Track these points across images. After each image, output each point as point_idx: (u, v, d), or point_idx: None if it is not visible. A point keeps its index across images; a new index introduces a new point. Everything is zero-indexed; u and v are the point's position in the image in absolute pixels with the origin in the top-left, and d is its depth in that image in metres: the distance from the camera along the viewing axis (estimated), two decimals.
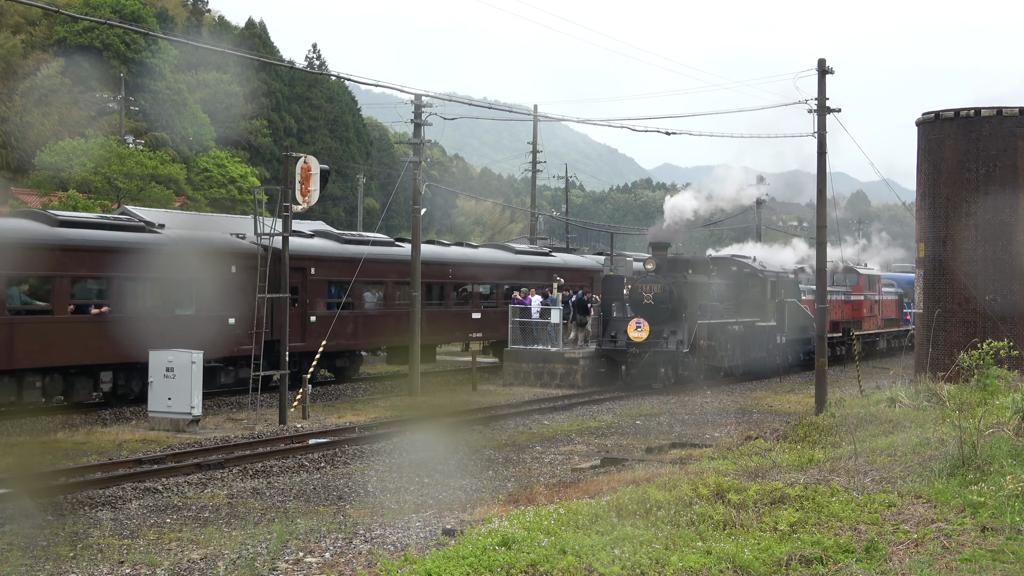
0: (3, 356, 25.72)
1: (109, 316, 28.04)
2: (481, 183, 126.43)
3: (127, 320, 28.14)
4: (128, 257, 28.34)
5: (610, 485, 15.55)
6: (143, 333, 27.44)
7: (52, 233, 27.36)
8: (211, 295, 30.31)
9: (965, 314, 28.14)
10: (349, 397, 33.70)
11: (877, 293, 53.45)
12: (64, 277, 27.12)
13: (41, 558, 13.44)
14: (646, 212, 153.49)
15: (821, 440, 19.14)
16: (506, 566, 10.19)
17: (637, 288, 36.82)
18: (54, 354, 26.91)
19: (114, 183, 52.58)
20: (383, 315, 37.21)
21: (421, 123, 34.26)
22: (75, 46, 67.11)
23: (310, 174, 28.62)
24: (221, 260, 30.79)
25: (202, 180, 66.22)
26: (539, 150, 60.81)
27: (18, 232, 26.92)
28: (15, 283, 26.60)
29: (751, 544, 10.67)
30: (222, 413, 28.95)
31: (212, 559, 12.81)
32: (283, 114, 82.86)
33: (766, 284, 42.02)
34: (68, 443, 23.42)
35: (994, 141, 28.14)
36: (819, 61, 30.58)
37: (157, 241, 29.62)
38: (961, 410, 14.95)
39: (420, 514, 15.05)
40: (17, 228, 27.21)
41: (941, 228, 28.74)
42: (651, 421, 28.66)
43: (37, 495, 17.39)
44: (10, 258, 26.02)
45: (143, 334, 27.34)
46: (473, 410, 29.72)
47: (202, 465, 20.41)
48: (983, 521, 11.20)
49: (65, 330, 27.15)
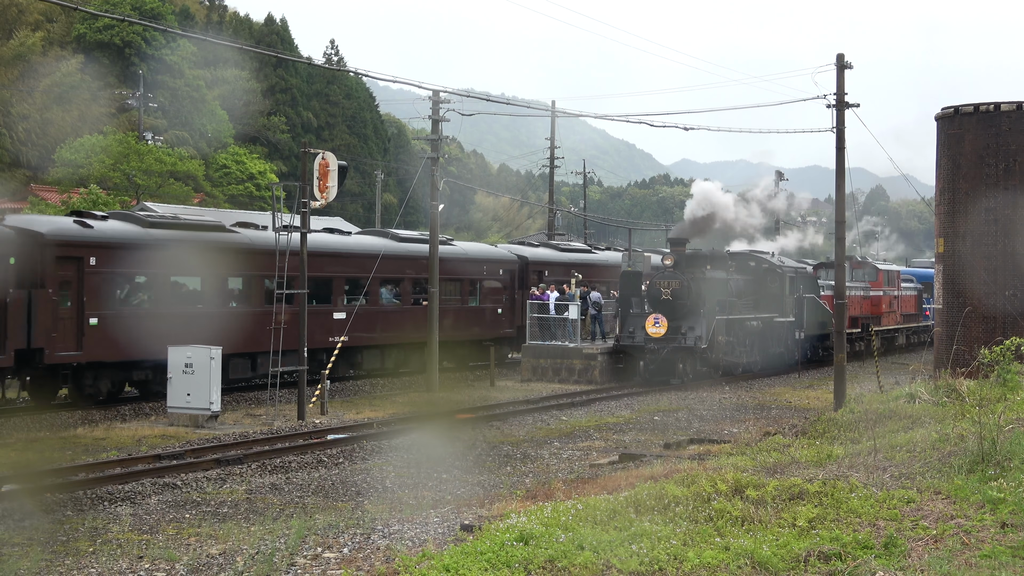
0: (378, 334, 36.26)
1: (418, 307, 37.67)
2: (499, 179, 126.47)
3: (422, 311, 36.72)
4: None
5: (628, 481, 15.53)
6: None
7: (397, 247, 37.49)
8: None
9: (985, 310, 28.00)
10: (367, 393, 33.75)
11: (896, 288, 53.23)
12: (406, 279, 37.97)
13: (61, 553, 13.51)
14: (664, 208, 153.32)
15: (840, 436, 19.06)
16: (524, 562, 10.19)
17: (655, 284, 36.75)
18: (397, 334, 36.92)
19: (133, 179, 52.78)
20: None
21: (439, 119, 34.26)
22: (94, 43, 67.39)
23: (328, 170, 28.65)
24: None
25: (221, 177, 66.43)
26: (557, 146, 60.84)
27: (371, 245, 36.86)
28: (384, 285, 37.08)
29: (769, 540, 10.65)
30: (241, 409, 29.04)
31: (231, 554, 12.85)
32: (301, 110, 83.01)
33: (784, 279, 41.90)
34: (88, 439, 23.54)
35: (1014, 136, 27.99)
36: (837, 56, 30.45)
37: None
38: (981, 406, 14.89)
39: (438, 510, 15.07)
40: (375, 244, 37.09)
41: (960, 223, 28.60)
42: (669, 417, 28.62)
43: (56, 491, 17.48)
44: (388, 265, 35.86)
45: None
46: (491, 406, 29.73)
47: (221, 460, 20.47)
48: (1003, 517, 11.16)
49: (410, 316, 37.49)
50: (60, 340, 27.02)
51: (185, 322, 29.25)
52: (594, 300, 39.85)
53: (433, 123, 34.43)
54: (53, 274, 27.13)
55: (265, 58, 75.56)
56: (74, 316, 27.51)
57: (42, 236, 27.12)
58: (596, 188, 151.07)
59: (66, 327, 27.24)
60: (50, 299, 26.87)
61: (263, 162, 71.51)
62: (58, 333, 26.93)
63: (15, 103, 59.94)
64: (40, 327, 26.51)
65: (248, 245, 32.04)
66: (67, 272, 27.50)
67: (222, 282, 31.65)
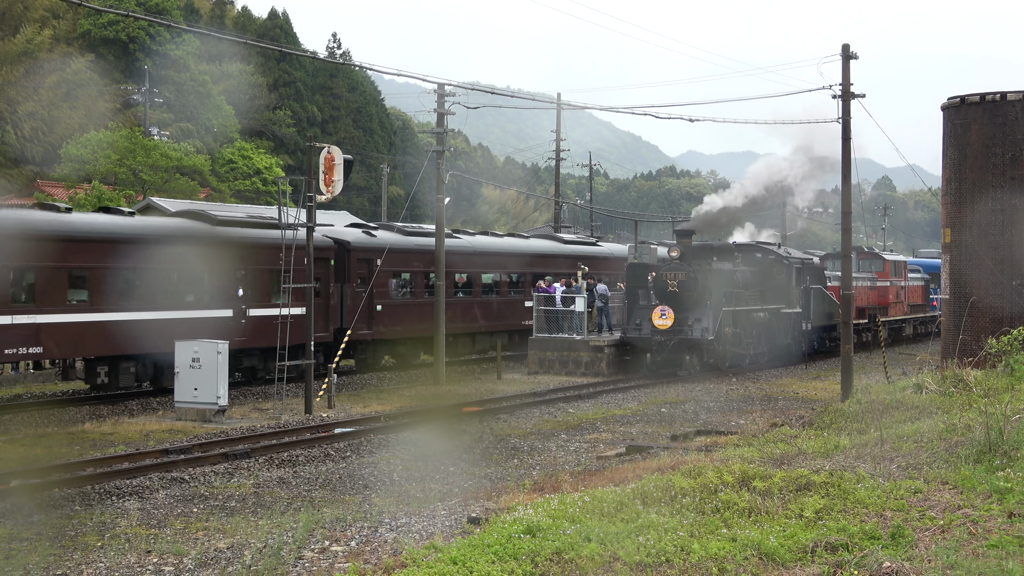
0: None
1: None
2: (505, 172, 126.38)
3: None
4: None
5: (635, 473, 15.53)
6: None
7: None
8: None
9: (992, 300, 27.94)
10: (374, 386, 33.79)
11: (903, 279, 53.18)
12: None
13: (69, 547, 13.55)
14: (670, 199, 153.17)
15: (847, 427, 19.05)
16: (531, 554, 10.20)
17: (662, 276, 36.74)
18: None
19: (139, 175, 52.84)
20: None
21: (444, 112, 34.24)
22: (99, 39, 67.44)
23: (334, 164, 28.67)
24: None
25: (227, 171, 66.49)
26: (562, 138, 60.72)
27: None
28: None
29: (776, 531, 10.65)
30: (248, 403, 29.08)
31: (239, 548, 12.88)
32: (306, 104, 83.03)
33: (791, 271, 41.85)
34: (96, 433, 23.59)
35: (1020, 125, 27.90)
36: (843, 46, 30.41)
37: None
38: (988, 396, 14.88)
39: (445, 502, 15.08)
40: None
41: (967, 213, 28.54)
42: (676, 409, 28.62)
43: (64, 485, 17.52)
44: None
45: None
46: (498, 399, 29.75)
47: (228, 455, 20.50)
48: (1010, 507, 11.14)
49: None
50: (360, 322, 34.74)
51: (429, 310, 35.65)
52: (600, 292, 39.81)
53: (438, 116, 34.42)
54: (356, 272, 35.52)
55: (269, 52, 75.59)
56: (367, 304, 35.25)
57: (349, 244, 35.52)
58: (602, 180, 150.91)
59: (362, 313, 34.74)
60: (354, 291, 35.20)
61: (269, 156, 71.56)
62: (358, 317, 34.32)
63: (21, 100, 60.01)
64: (348, 312, 34.78)
65: (469, 248, 40.92)
66: (363, 270, 35.77)
67: (453, 278, 39.14)
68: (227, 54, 72.50)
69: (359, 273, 35.77)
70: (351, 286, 35.29)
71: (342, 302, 34.86)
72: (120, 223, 29.03)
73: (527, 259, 43.67)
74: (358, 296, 34.84)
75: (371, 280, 35.05)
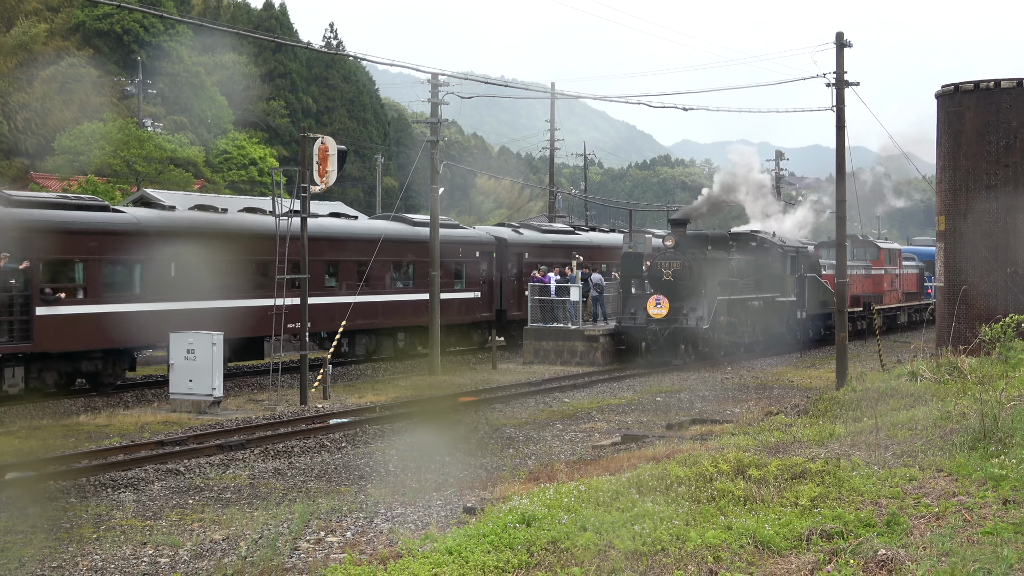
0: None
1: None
2: (499, 162, 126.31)
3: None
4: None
5: (630, 462, 15.54)
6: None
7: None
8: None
9: (986, 287, 27.98)
10: (370, 377, 33.79)
11: (897, 267, 53.22)
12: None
13: (65, 540, 13.54)
14: (665, 189, 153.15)
15: (842, 415, 19.06)
16: (527, 543, 10.20)
17: (656, 265, 36.73)
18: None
19: (133, 166, 52.75)
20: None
21: (438, 102, 34.22)
22: (93, 31, 67.26)
23: (327, 155, 28.63)
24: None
25: (221, 162, 66.38)
26: (557, 128, 60.69)
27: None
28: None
29: (772, 519, 10.65)
30: (243, 394, 29.07)
31: (234, 539, 12.89)
32: (300, 95, 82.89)
33: (786, 259, 41.89)
34: (90, 426, 23.57)
35: (1014, 112, 27.93)
36: (837, 34, 30.40)
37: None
38: (982, 383, 14.88)
39: (441, 493, 15.10)
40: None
41: (961, 201, 28.55)
42: (671, 398, 28.65)
43: (59, 478, 17.51)
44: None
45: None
46: (493, 388, 29.77)
47: (223, 446, 20.50)
48: (1005, 494, 11.15)
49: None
50: (513, 305, 42.68)
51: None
52: (595, 282, 39.82)
53: (432, 106, 34.40)
54: (510, 263, 42.75)
55: (264, 43, 75.43)
56: (517, 290, 42.64)
57: (505, 240, 43.04)
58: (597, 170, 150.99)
59: (515, 297, 42.58)
60: (510, 279, 42.74)
61: (263, 147, 71.42)
62: (512, 300, 42.46)
63: (13, 92, 59.83)
64: (506, 297, 42.55)
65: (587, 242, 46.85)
66: (515, 262, 42.98)
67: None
68: (220, 45, 72.33)
69: (513, 264, 43.23)
70: (508, 274, 42.77)
71: (502, 288, 42.42)
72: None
73: (607, 251, 48.05)
74: (511, 283, 42.81)
75: (521, 269, 43.02)
